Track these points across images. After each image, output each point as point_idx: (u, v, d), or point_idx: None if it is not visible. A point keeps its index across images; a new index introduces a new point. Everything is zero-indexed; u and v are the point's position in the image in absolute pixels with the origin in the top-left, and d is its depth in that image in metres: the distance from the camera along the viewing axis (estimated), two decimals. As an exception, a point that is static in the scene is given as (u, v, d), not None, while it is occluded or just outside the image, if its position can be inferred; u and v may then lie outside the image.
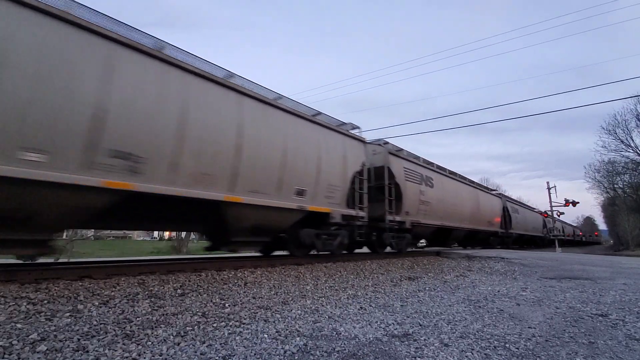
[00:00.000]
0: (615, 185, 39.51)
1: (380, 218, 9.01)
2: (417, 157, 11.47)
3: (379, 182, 9.26)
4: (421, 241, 15.20)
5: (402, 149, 10.74)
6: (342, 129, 8.21)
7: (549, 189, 25.85)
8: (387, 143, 10.09)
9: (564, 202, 26.31)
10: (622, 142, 32.14)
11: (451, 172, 13.65)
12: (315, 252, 7.67)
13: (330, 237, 7.50)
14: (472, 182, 15.72)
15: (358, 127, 8.84)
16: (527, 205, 28.68)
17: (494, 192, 19.92)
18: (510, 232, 19.50)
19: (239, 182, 5.55)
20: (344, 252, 8.72)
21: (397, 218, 9.39)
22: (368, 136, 9.76)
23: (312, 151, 7.02)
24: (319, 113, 7.81)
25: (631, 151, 32.10)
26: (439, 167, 12.75)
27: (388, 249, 10.04)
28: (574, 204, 25.84)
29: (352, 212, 7.94)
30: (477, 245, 16.78)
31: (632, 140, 31.55)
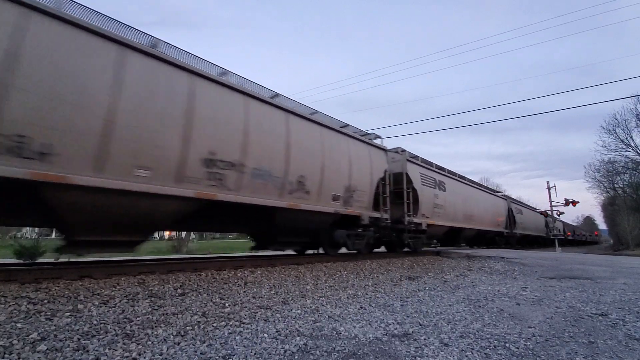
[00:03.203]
0: (615, 185, 39.49)
1: (400, 220, 9.77)
2: (431, 164, 12.40)
3: (398, 187, 10.03)
4: (433, 241, 16.25)
5: (417, 156, 11.63)
6: (367, 139, 9.35)
7: (548, 188, 25.81)
8: (404, 151, 10.99)
9: (564, 202, 26.28)
10: (622, 141, 32.08)
11: (460, 176, 14.53)
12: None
13: (359, 237, 8.52)
14: (480, 184, 17.05)
15: (380, 137, 10.04)
16: (530, 206, 29.08)
17: (499, 194, 20.63)
18: (515, 232, 20.49)
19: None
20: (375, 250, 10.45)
21: (415, 220, 10.26)
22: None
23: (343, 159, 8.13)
24: (347, 125, 8.89)
25: (631, 151, 32.03)
26: (449, 171, 13.70)
27: (406, 249, 10.75)
28: (574, 203, 25.80)
29: (377, 214, 8.87)
30: (483, 245, 17.67)
31: (632, 140, 31.48)
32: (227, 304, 3.40)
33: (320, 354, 2.19)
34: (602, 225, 75.77)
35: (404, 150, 11.01)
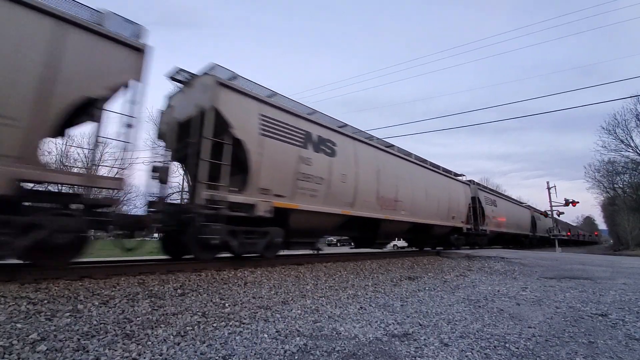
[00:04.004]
0: (615, 185, 39.50)
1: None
2: (313, 111, 7.92)
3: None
4: (328, 238, 11.30)
5: (275, 93, 7.13)
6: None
7: (548, 188, 25.82)
8: (231, 75, 6.38)
9: (564, 202, 26.29)
10: (622, 141, 32.10)
11: (383, 143, 10.23)
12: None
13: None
14: (421, 160, 11.86)
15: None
16: (510, 198, 24.91)
17: (460, 177, 14.56)
18: (484, 229, 15.35)
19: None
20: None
21: (235, 198, 5.71)
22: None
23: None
24: None
25: (631, 151, 32.06)
26: (356, 130, 9.12)
27: (228, 254, 6.21)
28: (574, 203, 25.81)
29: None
30: (433, 245, 13.20)
31: (632, 140, 31.50)
32: (227, 304, 3.40)
33: (320, 354, 2.19)
34: (602, 225, 75.84)
35: (231, 75, 6.22)
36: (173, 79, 6.30)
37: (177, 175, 8.00)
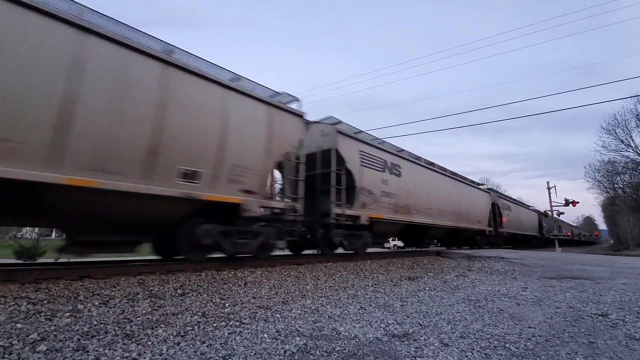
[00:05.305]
0: (615, 185, 39.46)
1: (327, 212, 7.30)
2: (382, 142, 9.80)
3: (327, 168, 7.51)
4: (394, 240, 13.54)
5: (361, 131, 8.98)
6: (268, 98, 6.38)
7: (549, 188, 25.82)
8: (339, 122, 8.32)
9: (564, 202, 26.29)
10: (622, 142, 32.06)
11: (428, 162, 11.90)
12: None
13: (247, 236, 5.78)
14: (455, 174, 13.72)
15: (297, 99, 7.11)
16: (521, 203, 26.71)
17: (482, 186, 17.21)
18: (501, 231, 17.25)
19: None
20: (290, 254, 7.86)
21: (349, 212, 7.60)
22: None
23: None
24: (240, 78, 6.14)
25: (631, 151, 32.02)
26: (411, 154, 11.01)
27: (340, 250, 7.99)
28: (574, 203, 25.82)
29: (280, 204, 6.37)
30: (461, 245, 14.88)
31: (632, 140, 31.47)
32: (227, 304, 3.40)
33: (320, 354, 2.19)
34: (602, 225, 75.86)
35: (339, 122, 8.29)
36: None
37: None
